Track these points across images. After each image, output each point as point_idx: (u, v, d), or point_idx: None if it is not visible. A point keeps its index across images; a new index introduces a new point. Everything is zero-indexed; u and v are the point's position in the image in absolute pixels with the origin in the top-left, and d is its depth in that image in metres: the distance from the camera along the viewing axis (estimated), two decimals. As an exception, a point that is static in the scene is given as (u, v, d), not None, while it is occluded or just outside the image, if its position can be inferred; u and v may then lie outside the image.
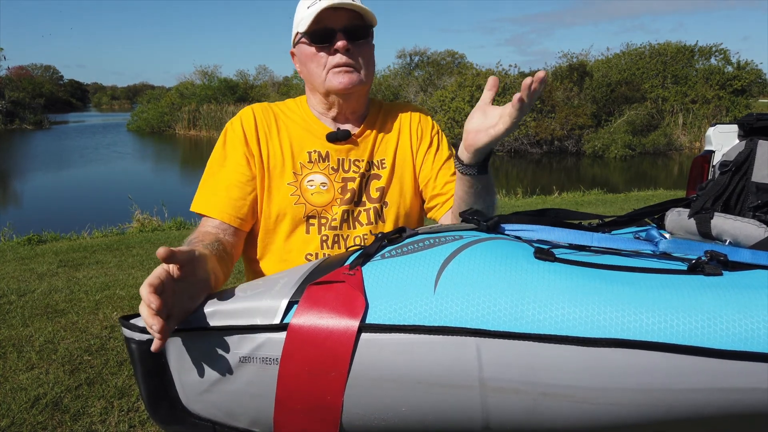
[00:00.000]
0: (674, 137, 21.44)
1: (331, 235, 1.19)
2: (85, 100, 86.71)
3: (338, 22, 1.13)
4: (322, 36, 1.13)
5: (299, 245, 1.19)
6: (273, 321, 0.74)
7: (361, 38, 1.16)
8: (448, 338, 0.70)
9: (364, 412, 0.73)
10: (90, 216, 7.51)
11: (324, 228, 1.19)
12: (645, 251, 0.91)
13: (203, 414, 0.80)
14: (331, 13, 1.11)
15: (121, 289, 4.06)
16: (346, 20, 1.13)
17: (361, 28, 1.15)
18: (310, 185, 1.19)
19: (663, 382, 0.69)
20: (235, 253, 1.15)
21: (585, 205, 7.88)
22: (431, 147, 1.28)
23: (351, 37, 1.13)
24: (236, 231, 1.16)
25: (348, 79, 1.15)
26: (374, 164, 1.25)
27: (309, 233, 1.19)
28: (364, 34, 1.16)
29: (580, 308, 0.71)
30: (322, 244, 1.19)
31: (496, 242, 0.83)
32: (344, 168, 1.22)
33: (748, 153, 1.92)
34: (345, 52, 1.13)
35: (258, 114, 1.23)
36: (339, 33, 1.12)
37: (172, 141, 26.70)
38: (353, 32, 1.14)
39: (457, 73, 23.62)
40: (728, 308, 0.71)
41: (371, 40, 1.20)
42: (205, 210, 1.15)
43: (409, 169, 1.27)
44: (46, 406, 2.42)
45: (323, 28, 1.13)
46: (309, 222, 1.19)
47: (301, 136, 1.23)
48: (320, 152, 1.21)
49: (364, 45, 1.17)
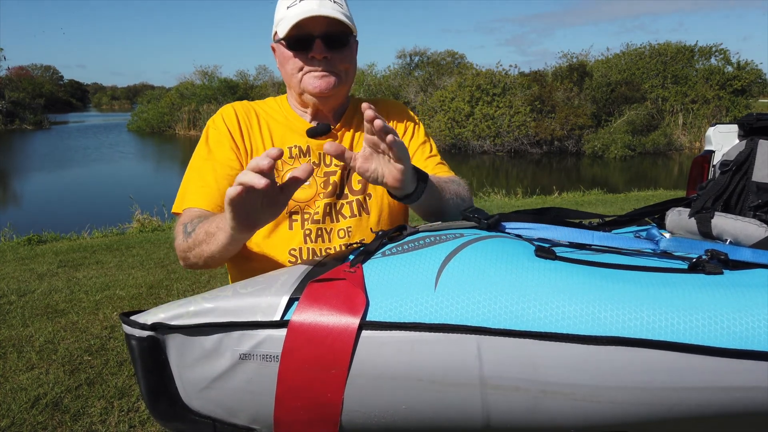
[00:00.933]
0: (674, 137, 21.46)
1: (314, 228, 1.19)
2: (85, 100, 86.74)
3: (317, 27, 1.10)
4: (299, 42, 1.12)
5: (282, 241, 1.19)
6: (273, 318, 0.74)
7: (341, 45, 1.14)
8: (449, 336, 0.70)
9: (364, 409, 0.73)
10: (90, 216, 7.51)
11: (307, 222, 1.18)
12: (646, 250, 0.91)
13: (203, 411, 0.80)
14: (310, 18, 1.09)
15: (121, 289, 4.06)
16: (326, 26, 1.11)
17: (341, 35, 1.13)
18: None
19: (663, 381, 0.69)
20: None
21: (585, 205, 7.88)
22: (405, 134, 1.28)
23: (330, 45, 1.12)
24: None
25: (324, 83, 1.14)
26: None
27: (292, 229, 1.18)
28: (343, 41, 1.14)
29: (581, 306, 0.71)
30: (306, 238, 1.18)
31: (497, 240, 0.83)
32: (326, 162, 1.21)
33: (749, 153, 1.92)
34: (322, 59, 1.12)
35: (239, 110, 1.22)
36: (317, 39, 1.10)
37: (172, 141, 26.71)
38: (333, 39, 1.12)
39: (457, 73, 23.63)
40: (729, 307, 0.71)
41: (353, 43, 1.18)
42: (196, 203, 1.12)
43: None
44: (46, 406, 2.42)
45: (302, 33, 1.10)
46: (292, 218, 1.18)
47: (282, 132, 1.22)
48: (301, 147, 1.21)
49: (343, 52, 1.15)
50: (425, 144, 1.28)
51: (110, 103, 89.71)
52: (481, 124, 20.00)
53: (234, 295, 0.78)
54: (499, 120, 20.02)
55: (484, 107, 20.14)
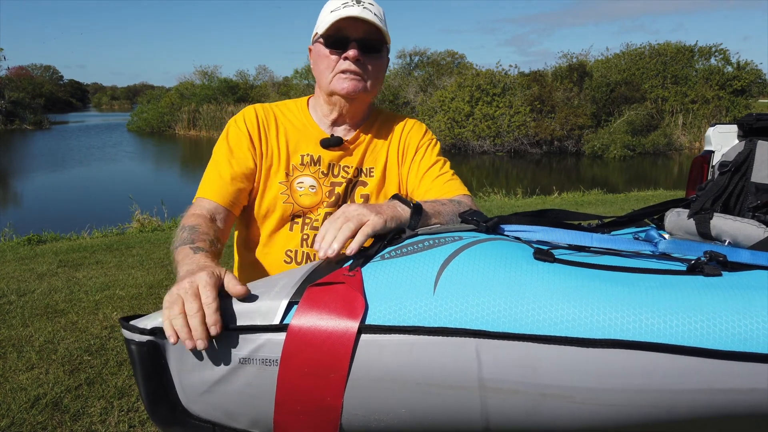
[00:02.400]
0: (674, 137, 21.45)
1: (311, 234, 1.25)
2: (85, 100, 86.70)
3: (355, 32, 1.18)
4: (337, 42, 1.18)
5: (281, 241, 1.26)
6: (272, 322, 0.74)
7: (374, 51, 1.21)
8: (448, 339, 0.71)
9: (363, 413, 0.73)
10: (90, 216, 7.50)
11: (306, 227, 1.26)
12: (644, 252, 0.92)
13: (203, 415, 0.80)
14: (350, 22, 1.17)
15: (121, 289, 4.06)
16: (363, 32, 1.18)
17: (375, 42, 1.20)
18: (299, 187, 1.25)
19: (662, 383, 0.69)
20: (223, 239, 1.18)
21: (585, 206, 7.88)
22: (416, 155, 1.32)
23: (364, 49, 1.19)
24: (228, 214, 1.21)
25: (352, 86, 1.20)
26: (363, 171, 1.30)
27: (292, 230, 1.26)
28: (377, 47, 1.21)
29: (580, 309, 0.71)
30: (302, 242, 1.25)
31: (496, 243, 0.83)
32: (333, 173, 1.27)
33: (747, 153, 1.92)
34: (355, 61, 1.18)
35: (259, 113, 1.29)
36: (353, 42, 1.17)
37: (172, 141, 26.69)
38: (367, 44, 1.19)
39: (457, 73, 23.61)
40: (727, 309, 0.71)
41: (385, 54, 1.25)
42: (207, 194, 1.20)
43: (395, 181, 1.32)
44: (46, 406, 2.42)
45: (340, 35, 1.18)
46: (294, 220, 1.26)
47: (297, 138, 1.28)
48: (312, 156, 1.27)
49: (376, 58, 1.22)
50: (437, 164, 1.31)
51: (110, 103, 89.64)
52: (481, 124, 19.99)
53: (233, 299, 0.78)
54: (499, 120, 20.01)
55: (484, 107, 20.13)
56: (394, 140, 1.32)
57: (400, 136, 1.33)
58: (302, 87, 26.53)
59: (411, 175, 1.30)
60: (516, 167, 17.90)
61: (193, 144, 25.68)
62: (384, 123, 1.34)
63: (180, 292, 0.76)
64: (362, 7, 1.17)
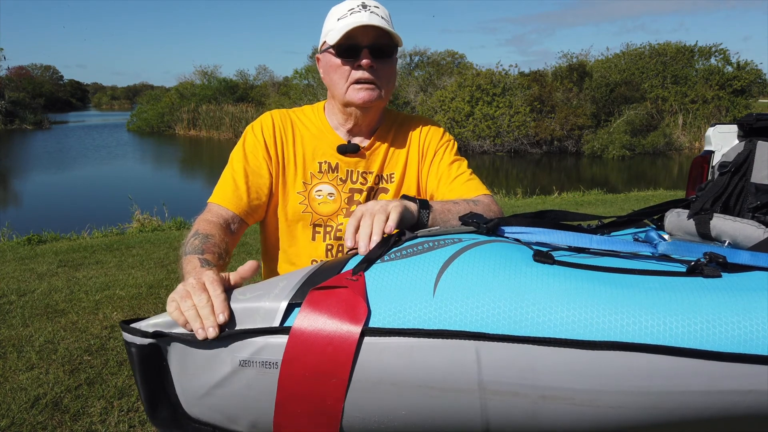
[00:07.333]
0: (674, 137, 21.44)
1: (335, 244, 1.25)
2: (85, 100, 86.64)
3: (366, 38, 1.16)
4: (348, 50, 1.17)
5: (306, 250, 1.26)
6: (273, 323, 0.74)
7: (386, 56, 1.19)
8: (448, 342, 0.70)
9: (364, 415, 0.73)
10: (90, 216, 7.50)
11: (328, 237, 1.25)
12: (644, 253, 0.91)
13: (203, 418, 0.80)
14: (360, 29, 1.14)
15: (121, 289, 4.06)
16: (374, 38, 1.16)
17: (386, 47, 1.19)
18: (317, 195, 1.25)
19: (662, 385, 0.69)
20: (232, 248, 1.19)
21: (585, 206, 7.88)
22: (435, 157, 1.31)
23: (376, 55, 1.17)
24: (241, 223, 1.21)
25: (368, 95, 1.19)
26: (383, 178, 1.29)
27: (315, 240, 1.25)
28: (389, 52, 1.20)
29: (580, 311, 0.71)
30: (327, 252, 1.25)
31: (495, 245, 0.83)
32: (352, 179, 1.27)
33: (747, 154, 1.92)
34: (368, 68, 1.17)
35: (276, 120, 1.28)
36: (365, 50, 1.16)
37: (172, 141, 26.68)
38: (379, 50, 1.17)
39: (457, 73, 23.60)
40: (727, 310, 0.71)
41: (395, 58, 1.24)
42: (219, 200, 1.20)
43: (414, 185, 1.31)
44: (46, 406, 2.42)
45: (350, 43, 1.16)
46: (315, 229, 1.25)
47: (314, 145, 1.27)
48: (330, 163, 1.26)
49: (388, 63, 1.21)
50: (453, 164, 1.31)
51: (110, 103, 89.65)
52: (481, 124, 19.98)
53: (233, 302, 0.78)
54: (499, 120, 20.00)
55: (484, 107, 20.12)
56: (413, 145, 1.32)
57: (419, 141, 1.32)
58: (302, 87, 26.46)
59: (430, 178, 1.30)
60: (516, 167, 17.90)
61: (193, 144, 25.67)
62: (401, 127, 1.33)
63: (188, 287, 0.78)
64: (369, 12, 1.15)
